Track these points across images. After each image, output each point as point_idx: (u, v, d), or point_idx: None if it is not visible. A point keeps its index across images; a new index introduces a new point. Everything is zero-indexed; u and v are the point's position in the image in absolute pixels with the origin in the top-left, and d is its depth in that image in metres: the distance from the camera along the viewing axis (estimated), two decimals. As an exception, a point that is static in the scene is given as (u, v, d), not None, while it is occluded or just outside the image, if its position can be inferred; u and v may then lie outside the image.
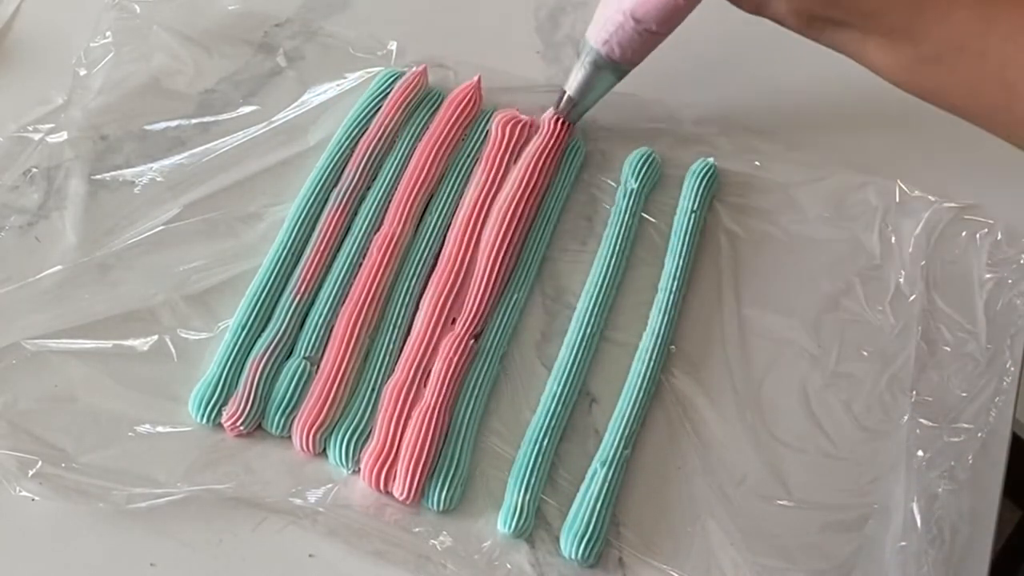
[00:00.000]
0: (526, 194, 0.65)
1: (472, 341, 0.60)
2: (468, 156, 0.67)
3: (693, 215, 0.65)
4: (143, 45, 0.71)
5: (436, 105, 0.69)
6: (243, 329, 0.60)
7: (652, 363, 0.60)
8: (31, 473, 0.55)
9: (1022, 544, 1.14)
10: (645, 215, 0.67)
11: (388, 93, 0.69)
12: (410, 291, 0.62)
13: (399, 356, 0.60)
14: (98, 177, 0.66)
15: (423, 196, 0.65)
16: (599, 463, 0.57)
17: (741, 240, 0.66)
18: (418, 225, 0.65)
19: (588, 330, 0.61)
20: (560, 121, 0.67)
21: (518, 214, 0.64)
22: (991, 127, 0.58)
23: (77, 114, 0.68)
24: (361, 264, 0.62)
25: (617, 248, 0.64)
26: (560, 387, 0.59)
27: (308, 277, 0.62)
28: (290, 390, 0.58)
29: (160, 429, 0.57)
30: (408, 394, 0.58)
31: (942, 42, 0.54)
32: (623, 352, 0.61)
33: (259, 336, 0.60)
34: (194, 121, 0.69)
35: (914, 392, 0.61)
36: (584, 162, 0.69)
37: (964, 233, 0.66)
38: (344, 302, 0.61)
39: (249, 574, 0.54)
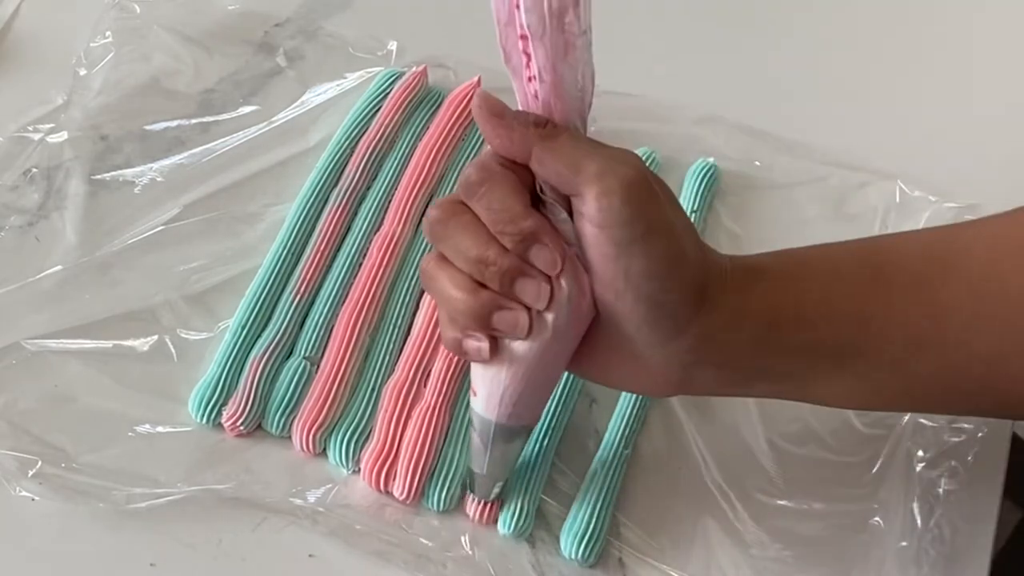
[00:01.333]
0: (526, 194, 0.65)
1: (472, 341, 0.60)
2: (468, 156, 0.67)
3: (693, 215, 0.65)
4: (143, 45, 0.71)
5: (436, 105, 0.69)
6: (243, 329, 0.60)
7: (652, 363, 0.60)
8: (31, 473, 0.55)
9: (1022, 544, 1.14)
10: (645, 215, 0.66)
11: (388, 93, 0.69)
12: (410, 291, 0.62)
13: (399, 356, 0.60)
14: (98, 177, 0.66)
15: (423, 196, 0.65)
16: (599, 463, 0.57)
17: (741, 240, 0.66)
18: (418, 225, 0.65)
19: (588, 330, 0.61)
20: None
21: (518, 214, 0.64)
22: (978, 410, 0.54)
23: (77, 114, 0.68)
24: (361, 264, 0.62)
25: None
26: (560, 387, 0.59)
27: (308, 277, 0.62)
28: (290, 390, 0.58)
29: (160, 429, 0.57)
30: (408, 394, 0.58)
31: (897, 346, 0.48)
32: (623, 352, 0.61)
33: (259, 336, 0.60)
34: (194, 121, 0.69)
35: (914, 392, 0.61)
36: (584, 162, 0.68)
37: (964, 233, 0.66)
38: (344, 302, 0.61)
39: (249, 574, 0.54)
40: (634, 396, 0.59)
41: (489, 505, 0.55)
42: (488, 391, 0.50)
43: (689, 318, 0.46)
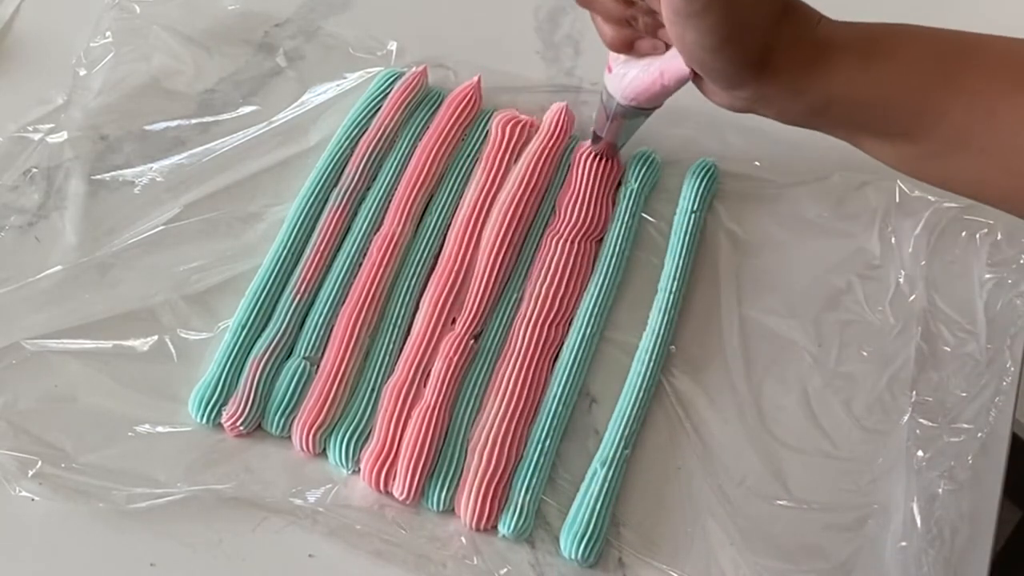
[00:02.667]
0: (526, 194, 0.65)
1: (472, 341, 0.60)
2: (468, 156, 0.67)
3: (693, 215, 0.65)
4: (143, 45, 0.71)
5: (436, 105, 0.69)
6: (243, 329, 0.60)
7: (652, 363, 0.60)
8: (31, 473, 0.55)
9: (1022, 544, 1.14)
10: (645, 215, 0.67)
11: (388, 93, 0.69)
12: (410, 291, 0.62)
13: (399, 356, 0.60)
14: (98, 177, 0.66)
15: (423, 196, 0.65)
16: (599, 463, 0.57)
17: (741, 240, 0.66)
18: (418, 225, 0.65)
19: (588, 330, 0.61)
20: (560, 123, 0.68)
21: (518, 214, 0.64)
22: (1005, 209, 0.56)
23: (77, 114, 0.68)
24: (361, 264, 0.62)
25: (617, 248, 0.64)
26: (560, 387, 0.59)
27: (308, 277, 0.62)
28: (290, 390, 0.58)
29: (160, 429, 0.57)
30: (408, 394, 0.58)
31: (943, 141, 0.51)
32: (623, 352, 0.61)
33: (259, 336, 0.60)
34: (194, 121, 0.69)
35: (914, 392, 0.61)
36: (584, 162, 0.69)
37: (964, 233, 0.66)
38: (344, 302, 0.61)
39: (249, 574, 0.54)
40: (634, 396, 0.59)
41: (487, 513, 0.55)
42: (619, 75, 0.59)
43: (744, 82, 0.51)
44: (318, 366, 0.59)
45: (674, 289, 0.63)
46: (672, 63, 0.55)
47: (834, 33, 0.51)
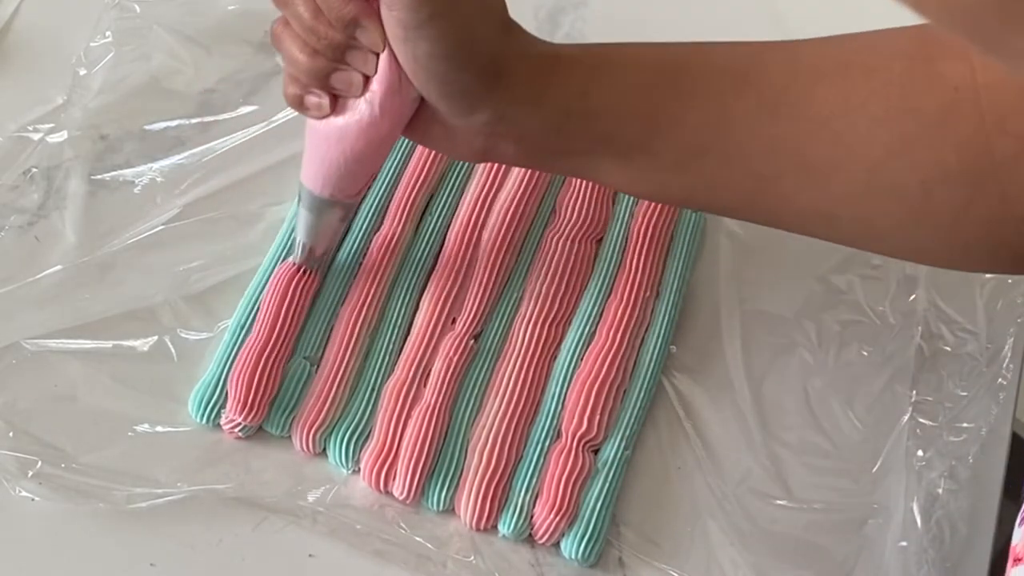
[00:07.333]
0: (526, 194, 0.65)
1: (472, 341, 0.60)
2: (468, 156, 0.67)
3: (693, 215, 0.65)
4: (143, 45, 0.71)
5: (436, 105, 0.69)
6: (243, 329, 0.60)
7: (652, 363, 0.60)
8: (31, 473, 0.55)
9: (1022, 544, 1.13)
10: (645, 215, 0.67)
11: (388, 93, 0.69)
12: (410, 291, 0.62)
13: (399, 356, 0.60)
14: (98, 177, 0.66)
15: (423, 196, 0.65)
16: (599, 463, 0.57)
17: (741, 240, 0.66)
18: (418, 225, 0.65)
19: (588, 330, 0.61)
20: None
21: (518, 214, 0.64)
22: (748, 217, 0.57)
23: (77, 114, 0.68)
24: (361, 264, 0.62)
25: (617, 248, 0.64)
26: (560, 387, 0.59)
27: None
28: (290, 390, 0.58)
29: (160, 429, 0.57)
30: (408, 394, 0.58)
31: (681, 150, 0.51)
32: (623, 352, 0.61)
33: (259, 336, 0.60)
34: (194, 121, 0.69)
35: (914, 392, 0.61)
36: (584, 162, 0.68)
37: (964, 233, 0.66)
38: (344, 302, 0.61)
39: (249, 574, 0.54)
40: (634, 396, 0.59)
41: (487, 513, 0.55)
42: (314, 166, 0.56)
43: (482, 97, 0.50)
44: (318, 366, 0.59)
45: (674, 289, 0.63)
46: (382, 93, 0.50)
47: (562, 49, 0.52)
